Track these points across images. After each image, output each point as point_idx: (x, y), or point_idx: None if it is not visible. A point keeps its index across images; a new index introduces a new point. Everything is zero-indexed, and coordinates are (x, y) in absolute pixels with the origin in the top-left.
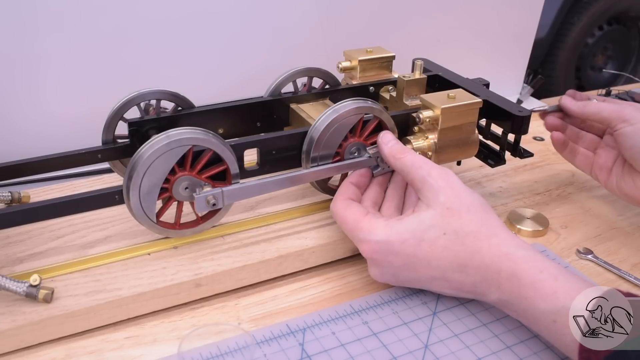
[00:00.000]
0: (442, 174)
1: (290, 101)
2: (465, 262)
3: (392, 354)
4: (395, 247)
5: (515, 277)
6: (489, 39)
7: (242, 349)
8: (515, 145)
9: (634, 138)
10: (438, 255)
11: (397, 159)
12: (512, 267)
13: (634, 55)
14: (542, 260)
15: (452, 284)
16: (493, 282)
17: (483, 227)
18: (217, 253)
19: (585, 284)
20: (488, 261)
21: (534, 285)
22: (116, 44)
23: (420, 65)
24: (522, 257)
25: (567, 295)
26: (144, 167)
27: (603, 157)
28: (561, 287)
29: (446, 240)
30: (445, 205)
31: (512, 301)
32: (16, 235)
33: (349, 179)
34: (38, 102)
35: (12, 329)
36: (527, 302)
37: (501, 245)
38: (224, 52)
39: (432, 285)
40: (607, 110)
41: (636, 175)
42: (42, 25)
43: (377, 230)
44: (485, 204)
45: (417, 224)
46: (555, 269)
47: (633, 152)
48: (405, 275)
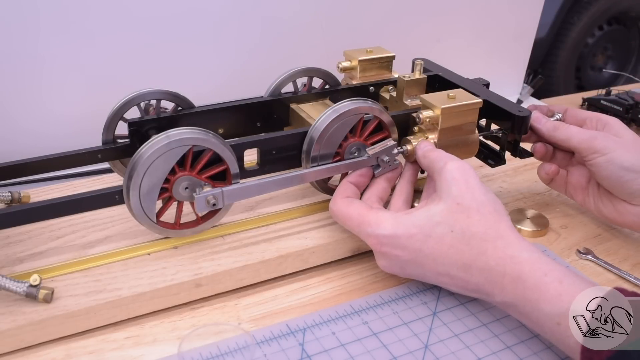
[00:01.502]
0: (459, 167)
1: (290, 101)
2: (470, 262)
3: (392, 354)
4: (402, 241)
5: (520, 280)
6: (489, 39)
7: (242, 349)
8: (515, 145)
9: (608, 168)
10: (444, 252)
11: (426, 157)
12: (516, 269)
13: (634, 55)
14: (547, 263)
15: (456, 282)
16: (497, 284)
17: (490, 229)
18: (217, 253)
19: (589, 285)
20: (493, 263)
21: (538, 288)
22: (116, 44)
23: (420, 65)
24: (527, 259)
25: (571, 298)
26: (144, 167)
27: (576, 176)
28: (565, 290)
29: (453, 239)
30: (456, 199)
31: (516, 303)
32: (16, 235)
33: (348, 178)
34: (38, 102)
35: (12, 329)
36: (532, 305)
37: (507, 248)
38: (224, 52)
39: (438, 281)
40: (577, 140)
41: (615, 199)
42: (43, 26)
43: (385, 224)
44: (498, 205)
45: (426, 219)
46: (560, 272)
47: (610, 181)
48: (412, 269)
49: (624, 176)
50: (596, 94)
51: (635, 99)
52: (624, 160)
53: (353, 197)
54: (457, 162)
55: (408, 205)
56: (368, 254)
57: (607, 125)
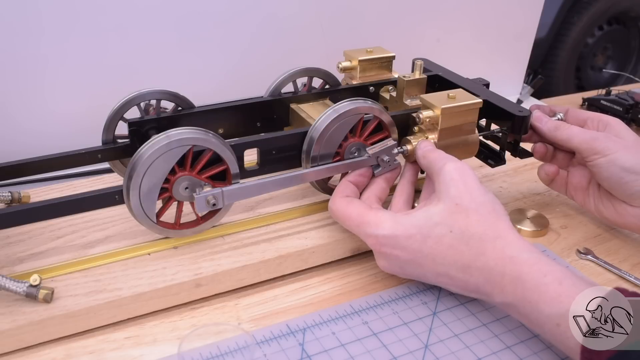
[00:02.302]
0: (457, 168)
1: (290, 101)
2: (469, 263)
3: (392, 354)
4: (401, 241)
5: (519, 281)
6: (489, 39)
7: (242, 349)
8: (515, 145)
9: (609, 169)
10: (443, 252)
11: (425, 157)
12: (516, 270)
13: (634, 55)
14: (546, 264)
15: (456, 282)
16: (497, 284)
17: (489, 229)
18: (217, 253)
19: (590, 286)
20: (492, 264)
21: (538, 289)
22: (116, 44)
23: (420, 65)
24: (526, 260)
25: (570, 299)
26: (144, 167)
27: (577, 177)
28: (565, 291)
29: (452, 239)
30: (454, 200)
31: (515, 304)
32: (16, 235)
33: (348, 177)
34: (38, 101)
35: (12, 329)
36: (531, 306)
37: (506, 248)
38: (224, 52)
39: (437, 281)
40: (578, 140)
41: (615, 200)
42: (43, 26)
43: (384, 224)
44: (497, 205)
45: (425, 219)
46: (560, 273)
47: (610, 182)
48: (411, 269)
49: (625, 177)
50: (596, 94)
51: (635, 99)
52: (624, 161)
53: (352, 196)
54: (456, 162)
55: (409, 205)
56: (368, 254)
57: (608, 125)
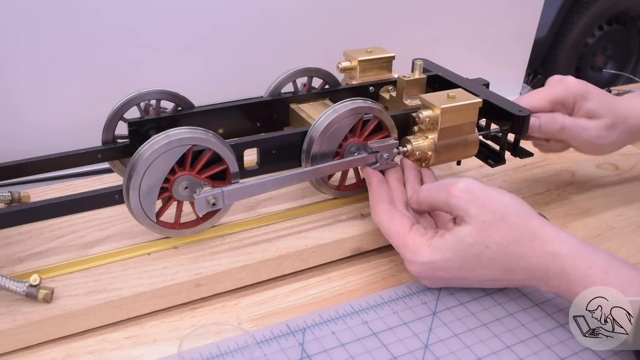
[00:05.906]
0: (463, 189)
1: (290, 101)
2: (512, 266)
3: (392, 354)
4: (441, 265)
5: (564, 275)
6: (489, 39)
7: (242, 349)
8: (515, 145)
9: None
10: (484, 265)
11: (418, 203)
12: (559, 265)
13: (634, 55)
14: (589, 255)
15: (501, 283)
16: (541, 280)
17: (524, 233)
18: (217, 253)
19: (635, 272)
20: (534, 263)
21: (584, 281)
22: (116, 44)
23: (420, 65)
24: (569, 254)
25: (618, 288)
26: (143, 167)
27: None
28: (612, 281)
29: (490, 253)
30: (480, 218)
31: (562, 295)
32: (16, 235)
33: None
34: (38, 101)
35: (12, 329)
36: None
37: (545, 246)
38: (224, 52)
39: (482, 286)
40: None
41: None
42: (44, 26)
43: (422, 251)
44: (519, 205)
45: (459, 242)
46: (604, 262)
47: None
48: (455, 283)
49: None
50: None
51: None
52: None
53: (389, 202)
54: (456, 185)
55: (405, 205)
56: (368, 254)
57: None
